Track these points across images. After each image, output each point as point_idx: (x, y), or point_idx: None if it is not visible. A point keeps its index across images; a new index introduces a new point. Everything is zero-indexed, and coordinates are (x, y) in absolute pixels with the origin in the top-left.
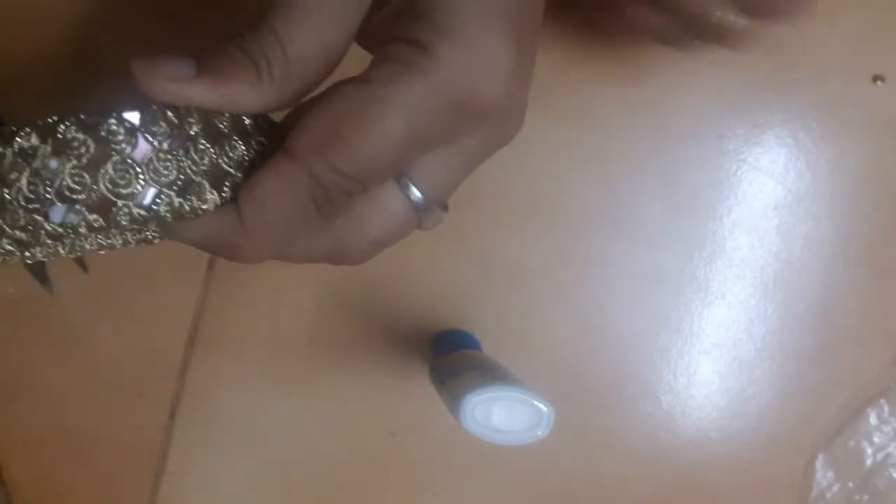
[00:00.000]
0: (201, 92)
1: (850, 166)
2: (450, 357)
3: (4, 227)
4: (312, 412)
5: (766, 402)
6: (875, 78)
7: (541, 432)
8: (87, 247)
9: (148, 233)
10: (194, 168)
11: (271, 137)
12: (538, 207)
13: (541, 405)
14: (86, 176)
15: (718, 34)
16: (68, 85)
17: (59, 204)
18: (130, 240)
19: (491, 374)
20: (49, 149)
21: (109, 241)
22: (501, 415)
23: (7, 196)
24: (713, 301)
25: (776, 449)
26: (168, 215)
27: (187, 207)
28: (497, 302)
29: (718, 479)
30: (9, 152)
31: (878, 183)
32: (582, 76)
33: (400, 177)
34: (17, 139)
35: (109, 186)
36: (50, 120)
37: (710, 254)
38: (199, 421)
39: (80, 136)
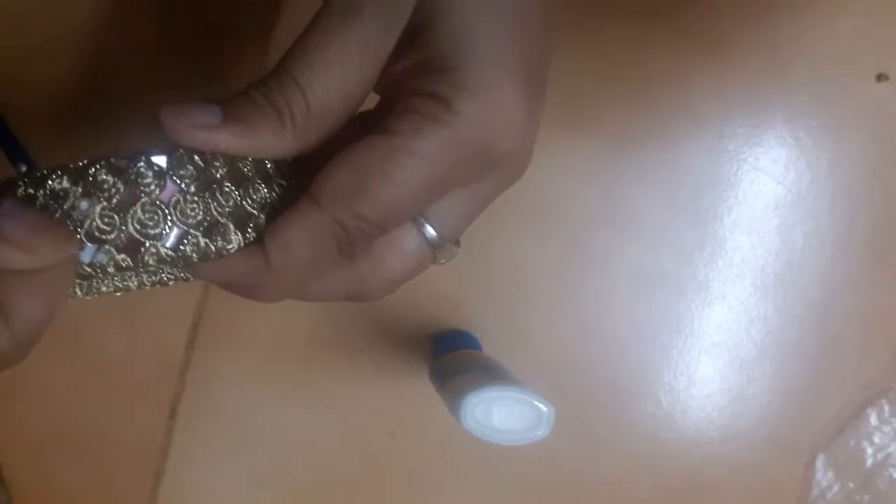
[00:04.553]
0: (228, 139)
1: (850, 166)
2: (450, 357)
3: None
4: (312, 412)
5: (766, 401)
6: (879, 77)
7: (541, 432)
8: (104, 289)
9: (164, 274)
10: (220, 210)
11: (291, 179)
12: (538, 208)
13: (541, 405)
14: (115, 217)
15: None
16: (83, 110)
17: (89, 245)
18: (146, 281)
19: (491, 374)
20: (80, 191)
21: (125, 283)
22: (501, 415)
23: None
24: (713, 301)
25: (776, 449)
26: (194, 255)
27: (213, 248)
28: (497, 302)
29: (718, 479)
30: (40, 195)
31: (879, 183)
32: (582, 77)
33: (416, 217)
34: (49, 182)
35: (138, 227)
36: (80, 163)
37: (710, 254)
38: (199, 421)
39: (110, 178)
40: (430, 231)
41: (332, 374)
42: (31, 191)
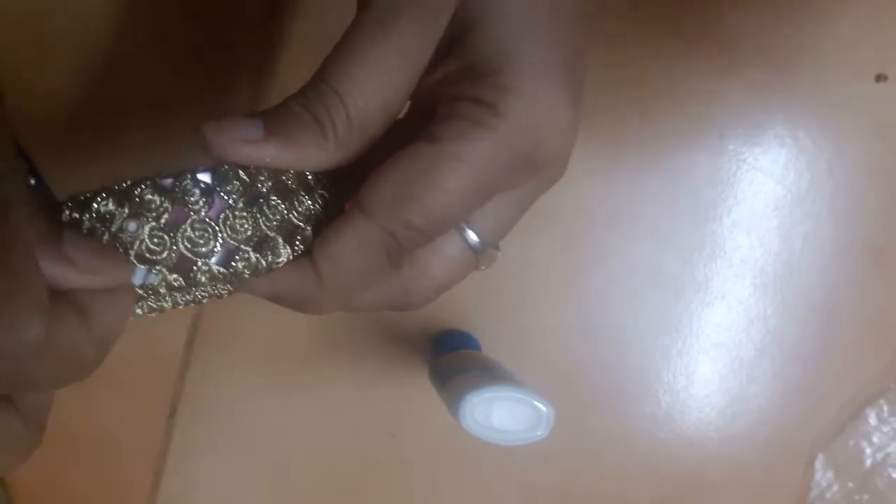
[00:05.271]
0: (272, 153)
1: (849, 166)
2: (450, 357)
3: None
4: (312, 412)
5: (765, 402)
6: (878, 77)
7: (541, 432)
8: (138, 311)
9: (198, 293)
10: (268, 224)
11: (331, 189)
12: (538, 208)
13: (541, 405)
14: (165, 237)
15: None
16: (86, 113)
17: (140, 266)
18: (180, 301)
19: (491, 374)
20: (126, 212)
21: (159, 304)
22: (501, 415)
23: None
24: (713, 301)
25: (776, 449)
26: (246, 271)
27: (264, 263)
28: (497, 302)
29: (718, 479)
30: (86, 218)
31: (878, 182)
32: None
33: (458, 223)
34: (95, 204)
35: (188, 246)
36: (125, 184)
37: (709, 254)
38: (199, 421)
39: (157, 198)
40: (473, 237)
41: (333, 374)
42: (76, 215)
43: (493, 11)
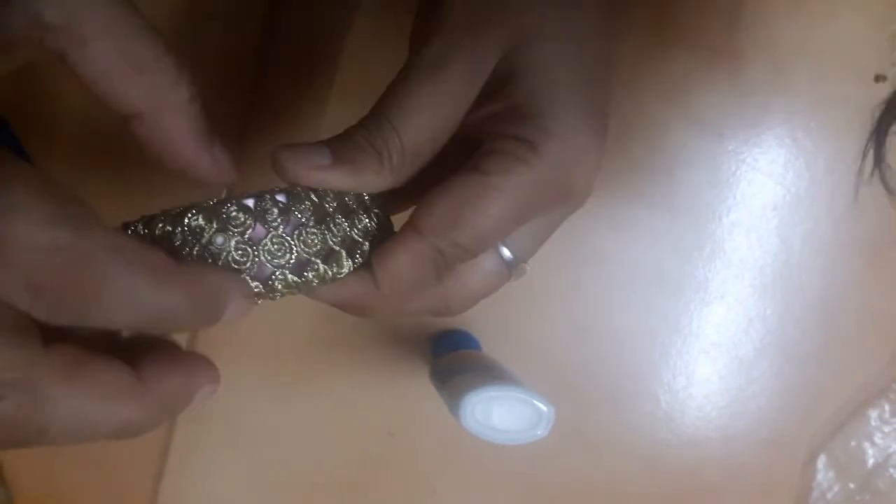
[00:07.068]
0: (339, 178)
1: (848, 166)
2: (450, 357)
3: None
4: (312, 412)
5: (765, 401)
6: (877, 77)
7: (541, 432)
8: None
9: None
10: (334, 239)
11: (381, 208)
12: None
13: (541, 405)
14: (248, 249)
15: None
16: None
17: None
18: None
19: (491, 373)
20: (214, 227)
21: None
22: (501, 415)
23: None
24: (712, 301)
25: (775, 449)
26: (315, 281)
27: (330, 274)
28: (497, 302)
29: (718, 479)
30: (178, 231)
31: (878, 182)
32: None
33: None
34: (186, 219)
35: (268, 257)
36: (211, 202)
37: (709, 254)
38: (199, 421)
39: (241, 215)
40: (507, 253)
41: (332, 374)
42: (169, 228)
43: (534, 64)
